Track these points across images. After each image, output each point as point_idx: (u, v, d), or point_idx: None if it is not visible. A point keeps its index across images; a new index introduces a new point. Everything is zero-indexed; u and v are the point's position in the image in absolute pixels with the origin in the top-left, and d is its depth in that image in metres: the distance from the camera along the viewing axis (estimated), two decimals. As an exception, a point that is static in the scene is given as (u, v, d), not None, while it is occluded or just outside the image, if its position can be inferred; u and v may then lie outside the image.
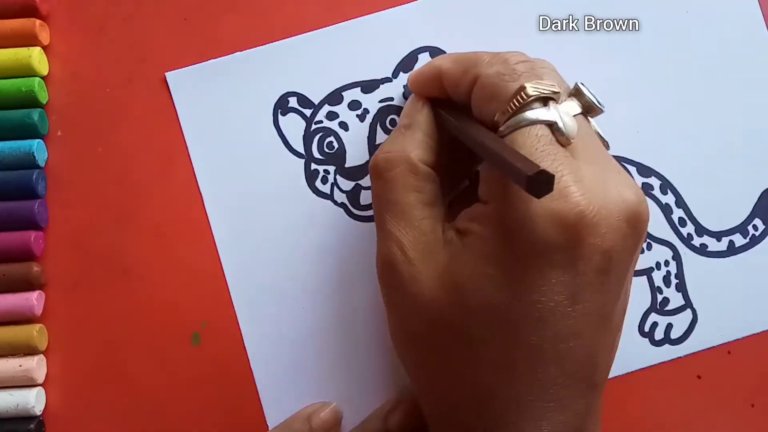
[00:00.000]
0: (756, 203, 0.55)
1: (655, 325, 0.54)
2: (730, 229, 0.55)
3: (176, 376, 0.54)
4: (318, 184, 0.55)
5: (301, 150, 0.55)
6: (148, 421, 0.53)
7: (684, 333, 0.54)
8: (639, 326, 0.54)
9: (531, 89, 0.39)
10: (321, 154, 0.55)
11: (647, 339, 0.54)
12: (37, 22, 0.54)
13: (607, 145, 0.44)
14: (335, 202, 0.55)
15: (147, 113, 0.55)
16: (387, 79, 0.55)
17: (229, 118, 0.55)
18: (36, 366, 0.52)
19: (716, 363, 0.54)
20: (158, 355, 0.54)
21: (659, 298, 0.54)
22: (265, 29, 0.56)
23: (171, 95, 0.56)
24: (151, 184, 0.55)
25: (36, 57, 0.54)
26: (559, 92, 0.40)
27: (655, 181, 0.54)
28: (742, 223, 0.55)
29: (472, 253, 0.40)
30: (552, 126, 0.39)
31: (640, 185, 0.52)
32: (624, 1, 0.56)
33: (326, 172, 0.55)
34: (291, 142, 0.55)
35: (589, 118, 0.43)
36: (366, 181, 0.55)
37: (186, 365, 0.54)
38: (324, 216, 0.55)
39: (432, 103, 0.47)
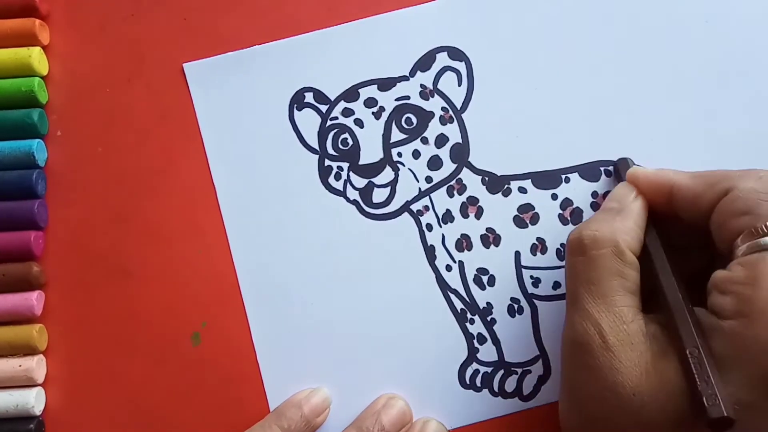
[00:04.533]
0: None
1: None
2: None
3: (176, 376, 0.54)
4: (331, 180, 0.55)
5: (316, 146, 0.55)
6: (148, 421, 0.53)
7: None
8: None
9: None
10: (335, 151, 0.55)
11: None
12: (37, 22, 0.54)
13: None
14: (347, 199, 0.55)
15: (147, 113, 0.55)
16: (404, 78, 0.56)
17: (245, 111, 0.56)
18: (36, 366, 0.52)
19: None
20: (158, 355, 0.54)
21: None
22: (264, 28, 0.56)
23: (187, 87, 0.56)
24: (150, 184, 0.55)
25: (36, 57, 0.54)
26: None
27: None
28: None
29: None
30: None
31: None
32: (646, 8, 0.56)
33: (339, 168, 0.55)
34: (306, 138, 0.55)
35: None
36: (379, 179, 0.55)
37: (186, 365, 0.54)
38: (336, 212, 0.55)
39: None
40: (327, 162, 0.55)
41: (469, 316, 0.53)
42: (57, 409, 0.54)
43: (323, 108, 0.55)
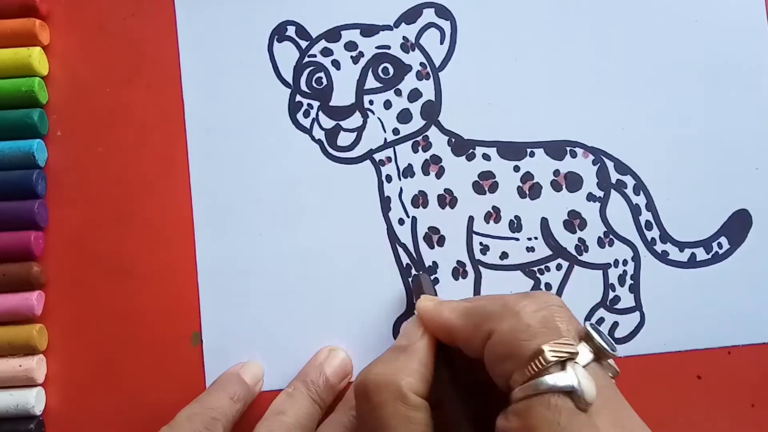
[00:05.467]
0: (725, 222, 0.55)
1: (601, 320, 0.54)
2: (695, 241, 0.55)
3: (176, 376, 0.54)
4: (299, 116, 0.55)
5: (289, 80, 0.56)
6: (148, 420, 0.53)
7: (629, 334, 0.55)
8: (585, 320, 0.54)
9: (550, 354, 0.38)
10: (308, 88, 0.56)
11: (591, 332, 0.55)
12: (37, 22, 0.54)
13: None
14: (313, 138, 0.55)
15: (147, 113, 0.55)
16: (387, 27, 0.56)
17: (225, 37, 0.56)
18: (36, 366, 0.52)
19: (716, 363, 0.54)
20: (158, 354, 0.54)
21: (611, 295, 0.55)
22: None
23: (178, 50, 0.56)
24: (151, 184, 0.55)
25: (36, 57, 0.54)
26: (577, 353, 0.39)
27: (630, 180, 0.55)
28: (708, 238, 0.55)
29: None
30: (571, 393, 0.38)
31: (614, 181, 0.54)
32: (637, 4, 0.56)
33: (309, 106, 0.55)
34: (281, 70, 0.56)
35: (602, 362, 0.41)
36: (347, 123, 0.55)
37: (186, 365, 0.54)
38: (299, 149, 0.55)
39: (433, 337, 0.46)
40: (298, 98, 0.55)
41: (413, 271, 0.54)
42: (57, 409, 0.54)
43: (303, 44, 0.56)
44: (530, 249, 0.54)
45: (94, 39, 0.56)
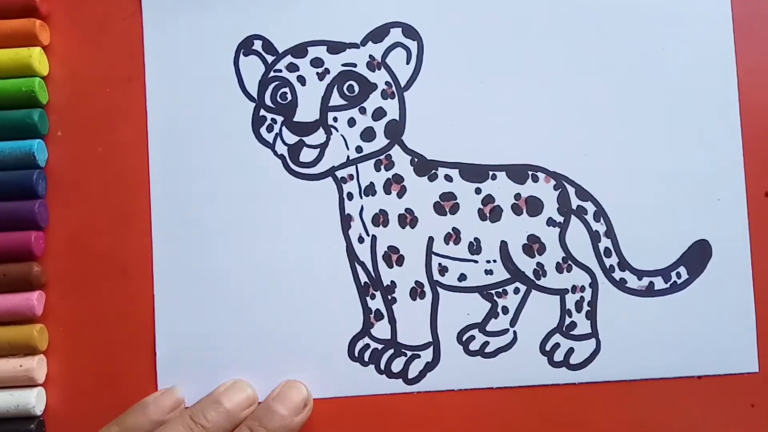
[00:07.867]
0: (685, 252, 0.54)
1: (556, 346, 0.54)
2: (654, 270, 0.54)
3: (175, 377, 0.54)
4: (263, 131, 0.55)
5: (254, 94, 0.56)
6: (147, 421, 0.53)
7: (584, 361, 0.54)
8: (541, 345, 0.54)
9: None
10: (272, 103, 0.55)
11: (546, 358, 0.54)
12: (37, 22, 0.54)
13: None
14: (275, 153, 0.55)
15: (146, 113, 0.55)
16: (354, 45, 0.56)
17: (191, 49, 0.56)
18: (36, 366, 0.53)
19: (716, 364, 0.53)
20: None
21: (567, 320, 0.54)
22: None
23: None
24: (151, 184, 0.55)
25: (36, 57, 0.54)
26: None
27: (590, 206, 0.54)
28: (667, 267, 0.54)
29: None
30: None
31: (575, 207, 0.54)
32: (604, 31, 0.56)
33: (273, 121, 0.55)
34: (246, 84, 0.56)
35: None
36: (310, 139, 0.55)
37: (185, 365, 0.54)
38: (261, 164, 0.55)
39: None
40: (262, 112, 0.55)
41: (371, 290, 0.54)
42: (57, 409, 0.54)
43: (269, 58, 0.56)
44: (489, 272, 0.54)
45: (94, 39, 0.56)
